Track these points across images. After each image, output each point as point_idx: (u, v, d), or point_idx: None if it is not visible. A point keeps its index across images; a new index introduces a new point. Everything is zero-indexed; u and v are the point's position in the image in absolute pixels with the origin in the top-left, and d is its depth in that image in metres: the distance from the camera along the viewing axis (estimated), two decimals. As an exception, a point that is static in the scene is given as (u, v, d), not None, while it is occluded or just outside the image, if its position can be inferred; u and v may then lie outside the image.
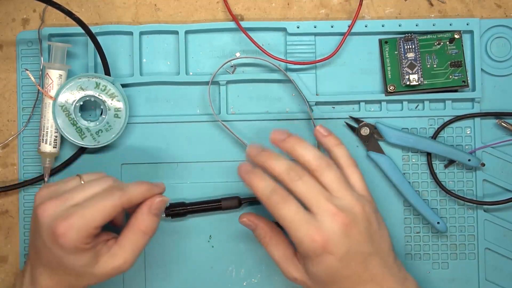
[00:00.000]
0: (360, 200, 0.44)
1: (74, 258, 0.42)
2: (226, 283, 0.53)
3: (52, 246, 0.42)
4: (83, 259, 0.42)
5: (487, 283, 0.53)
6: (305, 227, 0.42)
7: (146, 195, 0.44)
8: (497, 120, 0.53)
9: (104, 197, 0.42)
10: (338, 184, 0.44)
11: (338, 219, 0.42)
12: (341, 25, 0.53)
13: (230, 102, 0.54)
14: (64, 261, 0.42)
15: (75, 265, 0.42)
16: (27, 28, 0.54)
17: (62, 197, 0.43)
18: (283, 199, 0.43)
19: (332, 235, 0.42)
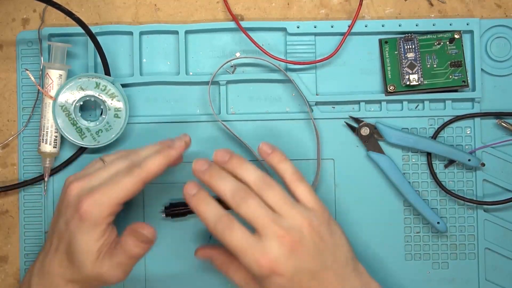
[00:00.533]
0: (306, 215, 0.43)
1: (88, 237, 0.43)
2: (226, 283, 0.53)
3: (73, 223, 0.43)
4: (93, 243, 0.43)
5: (487, 283, 0.53)
6: (250, 252, 0.42)
7: (166, 164, 0.46)
8: (497, 120, 0.53)
9: (124, 175, 0.44)
10: (282, 202, 0.43)
11: (284, 241, 0.42)
12: (341, 25, 0.53)
13: (230, 102, 0.54)
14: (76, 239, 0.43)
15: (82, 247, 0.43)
16: (27, 28, 0.54)
17: (86, 177, 0.45)
18: (228, 227, 0.43)
19: (279, 257, 0.42)
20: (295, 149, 0.53)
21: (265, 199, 0.44)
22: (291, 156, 0.53)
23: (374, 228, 0.53)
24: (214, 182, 0.44)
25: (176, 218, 0.53)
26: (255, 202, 0.43)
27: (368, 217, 0.53)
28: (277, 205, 0.43)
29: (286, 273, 0.42)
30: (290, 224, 0.43)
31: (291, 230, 0.42)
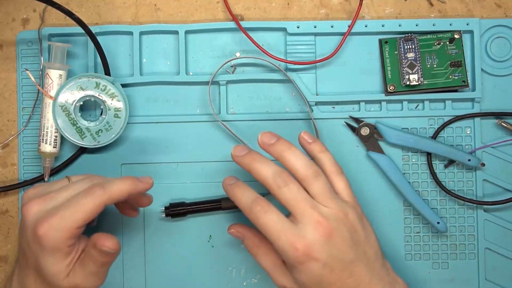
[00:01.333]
0: (344, 207, 0.44)
1: (50, 261, 0.42)
2: (226, 283, 0.53)
3: (34, 246, 0.42)
4: (58, 265, 0.42)
5: (487, 283, 0.53)
6: (286, 235, 0.42)
7: (130, 191, 0.44)
8: (497, 120, 0.53)
9: (84, 196, 0.42)
10: (325, 193, 0.44)
11: (321, 227, 0.42)
12: (341, 25, 0.53)
13: (230, 102, 0.54)
14: (40, 263, 0.42)
15: (48, 270, 0.42)
16: (27, 28, 0.54)
17: (46, 197, 0.43)
18: (263, 209, 0.43)
19: (315, 242, 0.42)
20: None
21: (309, 189, 0.44)
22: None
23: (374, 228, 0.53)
24: (256, 165, 0.44)
25: (175, 218, 0.53)
26: (296, 187, 0.43)
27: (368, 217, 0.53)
28: (319, 195, 0.44)
29: (321, 259, 0.42)
30: (329, 212, 0.43)
31: (329, 218, 0.43)
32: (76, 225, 0.41)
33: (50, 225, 0.41)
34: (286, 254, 0.42)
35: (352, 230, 0.44)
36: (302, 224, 0.43)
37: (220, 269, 0.53)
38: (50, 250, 0.41)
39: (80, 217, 0.41)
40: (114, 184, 0.43)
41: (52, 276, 0.42)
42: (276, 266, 0.46)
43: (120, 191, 0.43)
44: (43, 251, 0.41)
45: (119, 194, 0.43)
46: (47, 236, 0.41)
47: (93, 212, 0.42)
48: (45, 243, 0.41)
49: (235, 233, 0.48)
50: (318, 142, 0.47)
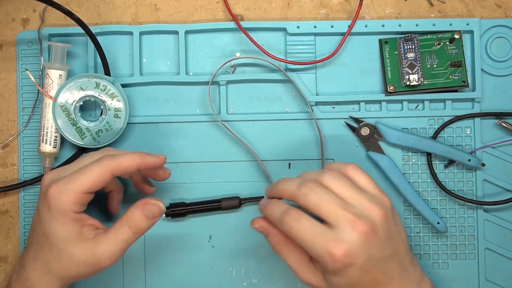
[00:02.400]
0: (375, 202, 0.42)
1: (57, 226, 0.43)
2: (226, 283, 0.53)
3: (43, 211, 0.43)
4: (65, 230, 0.43)
5: (487, 283, 0.53)
6: (320, 241, 0.40)
7: (139, 163, 0.45)
8: (497, 120, 0.53)
9: (93, 163, 0.44)
10: (350, 190, 0.42)
11: (357, 228, 0.40)
12: (341, 25, 0.53)
13: (230, 102, 0.54)
14: (48, 228, 0.43)
15: (56, 234, 0.43)
16: (27, 28, 0.54)
17: (60, 168, 0.45)
18: (295, 218, 0.42)
19: (352, 246, 0.40)
20: (295, 149, 0.53)
21: (332, 189, 0.42)
22: (292, 156, 0.53)
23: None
24: (281, 186, 0.44)
25: (176, 218, 0.53)
26: (324, 191, 0.42)
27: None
28: (345, 193, 0.42)
29: (359, 262, 0.40)
30: (361, 211, 0.41)
31: (363, 216, 0.41)
32: (81, 189, 0.43)
33: (57, 187, 0.43)
34: (323, 260, 0.41)
35: (386, 225, 0.42)
36: (337, 227, 0.41)
37: (220, 269, 0.53)
38: (58, 212, 0.43)
39: (86, 181, 0.43)
40: (123, 154, 0.44)
41: (60, 241, 0.43)
42: (302, 263, 0.45)
43: (129, 162, 0.44)
44: (51, 215, 0.43)
45: (128, 165, 0.44)
46: (56, 197, 0.42)
47: (100, 179, 0.43)
48: (52, 203, 0.42)
49: (259, 228, 0.46)
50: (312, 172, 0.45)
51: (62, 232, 0.43)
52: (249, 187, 0.53)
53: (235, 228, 0.53)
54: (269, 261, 0.53)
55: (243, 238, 0.53)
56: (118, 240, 0.43)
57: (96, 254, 0.43)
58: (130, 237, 0.44)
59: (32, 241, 0.45)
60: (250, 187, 0.53)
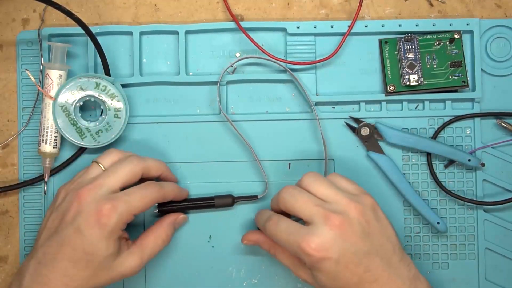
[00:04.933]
0: (351, 198, 0.44)
1: (105, 244, 0.44)
2: (226, 283, 0.53)
3: (90, 229, 0.44)
4: (111, 247, 0.44)
5: (487, 283, 0.53)
6: (293, 238, 0.43)
7: (176, 197, 0.50)
8: (497, 120, 0.53)
9: (146, 189, 0.46)
10: (327, 189, 0.45)
11: (330, 222, 0.43)
12: (341, 25, 0.53)
13: (230, 102, 0.54)
14: (94, 247, 0.44)
15: (101, 253, 0.44)
16: (27, 28, 0.54)
17: (95, 183, 0.45)
18: (274, 222, 0.45)
19: (324, 239, 0.42)
20: (295, 149, 0.53)
21: (310, 190, 0.45)
22: (292, 156, 0.53)
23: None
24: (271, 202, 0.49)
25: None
26: (298, 191, 0.45)
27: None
28: (322, 193, 0.45)
29: (333, 256, 0.42)
30: (336, 207, 0.44)
31: (336, 211, 0.43)
32: (135, 212, 0.45)
33: (114, 206, 0.44)
34: (300, 257, 0.43)
35: (363, 221, 0.44)
36: (312, 224, 0.43)
37: (220, 269, 0.53)
38: (108, 231, 0.44)
39: (141, 205, 0.46)
40: (170, 187, 0.49)
41: (103, 259, 0.44)
42: (294, 262, 0.48)
43: (171, 195, 0.49)
44: (100, 233, 0.44)
45: (169, 196, 0.49)
46: (110, 217, 0.44)
47: (149, 204, 0.46)
48: (106, 222, 0.44)
49: (249, 242, 0.51)
50: None
51: (109, 249, 0.44)
52: (249, 187, 0.53)
53: (235, 228, 0.53)
54: (269, 261, 0.53)
55: (243, 238, 0.53)
56: (151, 251, 0.48)
57: (131, 264, 0.46)
58: (160, 249, 0.49)
59: (56, 256, 0.44)
60: (250, 187, 0.53)
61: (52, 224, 0.46)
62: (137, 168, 0.47)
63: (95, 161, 0.48)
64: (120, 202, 0.44)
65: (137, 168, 0.47)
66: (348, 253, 0.42)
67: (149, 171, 0.48)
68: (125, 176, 0.46)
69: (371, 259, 0.43)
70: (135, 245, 0.47)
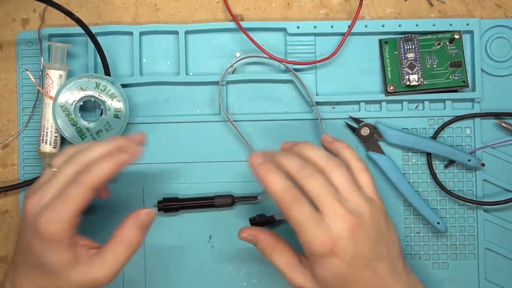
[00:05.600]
0: (369, 203, 0.43)
1: (53, 253, 0.41)
2: (226, 283, 0.53)
3: (35, 241, 0.41)
4: (62, 255, 0.42)
5: (487, 283, 0.53)
6: (314, 229, 0.41)
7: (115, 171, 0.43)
8: (497, 120, 0.53)
9: (73, 186, 0.42)
10: (348, 185, 0.43)
11: (346, 222, 0.42)
12: (341, 25, 0.53)
13: (230, 102, 0.54)
14: (44, 257, 0.42)
15: (53, 262, 0.42)
16: (27, 28, 0.54)
17: (39, 191, 0.43)
18: (295, 199, 0.42)
19: (340, 238, 0.41)
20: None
21: (331, 179, 0.43)
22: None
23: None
24: (282, 159, 0.44)
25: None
26: (323, 179, 0.43)
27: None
28: (342, 186, 0.43)
29: (346, 255, 0.41)
30: (354, 207, 0.42)
31: (354, 212, 0.42)
32: (70, 215, 0.41)
33: (47, 219, 0.41)
34: (312, 247, 0.42)
35: (377, 226, 0.43)
36: (328, 217, 0.42)
37: (220, 269, 0.53)
38: (52, 242, 0.41)
39: (74, 207, 0.41)
40: (98, 168, 0.42)
41: (58, 267, 0.42)
42: (292, 265, 0.45)
43: (106, 175, 0.42)
44: (45, 245, 0.41)
45: (105, 177, 0.42)
46: (47, 228, 0.41)
47: (85, 200, 0.42)
48: (45, 235, 0.41)
49: (248, 237, 0.47)
50: (340, 140, 0.48)
51: (59, 259, 0.42)
52: (249, 187, 0.53)
53: (235, 228, 0.53)
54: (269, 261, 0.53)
55: (243, 238, 0.53)
56: (115, 259, 0.43)
57: (94, 275, 0.42)
58: (127, 255, 0.43)
59: (24, 265, 0.43)
60: (250, 188, 0.53)
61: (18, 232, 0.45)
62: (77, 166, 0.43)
63: (48, 164, 0.45)
64: (52, 212, 0.41)
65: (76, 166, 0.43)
66: (359, 256, 0.42)
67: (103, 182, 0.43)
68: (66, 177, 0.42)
69: (378, 264, 0.43)
70: (96, 255, 0.43)
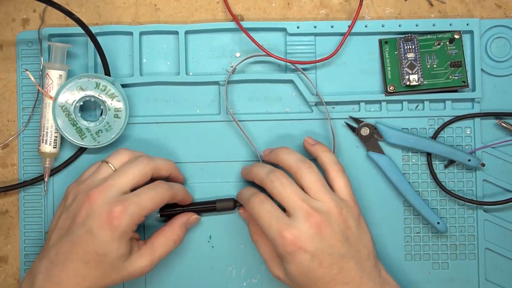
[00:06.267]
0: (338, 203, 0.46)
1: (117, 245, 0.44)
2: (226, 283, 0.53)
3: (101, 231, 0.44)
4: (122, 248, 0.45)
5: (487, 283, 0.53)
6: (276, 224, 0.44)
7: (183, 199, 0.50)
8: (497, 120, 0.53)
9: (156, 189, 0.46)
10: (317, 186, 0.46)
11: (311, 219, 0.44)
12: (341, 25, 0.53)
13: (230, 102, 0.54)
14: (105, 248, 0.44)
15: (113, 254, 0.44)
16: (27, 28, 0.54)
17: (105, 184, 0.45)
18: (260, 201, 0.46)
19: (303, 233, 0.44)
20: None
21: (301, 181, 0.46)
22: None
23: (374, 228, 0.53)
24: (253, 169, 0.49)
25: None
26: (289, 182, 0.46)
27: (368, 217, 0.53)
28: (312, 188, 0.46)
29: (309, 250, 0.43)
30: (320, 206, 0.45)
31: (320, 211, 0.44)
32: (145, 213, 0.45)
33: (125, 208, 0.44)
34: (275, 242, 0.44)
35: (344, 226, 0.45)
36: (293, 217, 0.44)
37: (220, 269, 0.53)
38: (120, 232, 0.44)
39: (151, 206, 0.46)
40: (178, 189, 0.49)
41: (114, 259, 0.45)
42: (273, 257, 0.49)
43: (179, 197, 0.49)
44: (111, 235, 0.44)
45: (178, 197, 0.49)
46: (122, 219, 0.44)
47: (159, 204, 0.46)
48: (117, 224, 0.44)
49: (243, 214, 0.52)
50: (321, 143, 0.50)
51: (120, 250, 0.45)
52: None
53: (235, 228, 0.53)
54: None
55: (243, 238, 0.53)
56: (161, 252, 0.48)
57: (141, 265, 0.46)
58: (171, 249, 0.49)
59: (68, 256, 0.44)
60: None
61: (64, 224, 0.46)
62: (147, 169, 0.47)
63: (105, 161, 0.48)
64: (131, 204, 0.44)
65: (147, 168, 0.47)
66: (324, 252, 0.44)
67: (159, 171, 0.48)
68: (135, 177, 0.46)
69: (346, 262, 0.45)
70: (145, 246, 0.47)
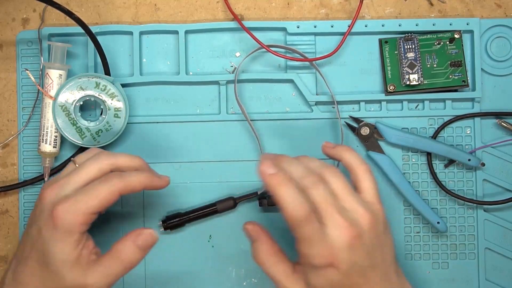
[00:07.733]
0: (367, 210, 0.43)
1: (61, 246, 0.41)
2: (226, 283, 0.53)
3: (47, 230, 0.42)
4: (67, 250, 0.42)
5: (487, 283, 0.53)
6: (318, 244, 0.41)
7: (146, 185, 0.44)
8: (497, 120, 0.53)
9: (100, 183, 0.43)
10: (346, 192, 0.43)
11: (346, 233, 0.41)
12: (341, 25, 0.53)
13: (230, 102, 0.54)
14: (50, 247, 0.42)
15: (57, 256, 0.41)
16: (27, 28, 0.54)
17: (60, 182, 0.43)
18: (306, 218, 0.41)
19: (339, 250, 0.41)
20: (295, 149, 0.53)
21: (330, 187, 0.43)
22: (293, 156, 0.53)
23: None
24: (283, 165, 0.43)
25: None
26: (325, 188, 0.42)
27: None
28: (340, 194, 0.43)
29: (342, 267, 0.41)
30: (353, 217, 0.42)
31: (353, 223, 0.42)
32: (90, 210, 0.42)
33: (66, 208, 0.41)
34: (311, 260, 0.41)
35: (374, 235, 0.43)
36: (328, 228, 0.41)
37: (220, 269, 0.53)
38: (63, 232, 0.41)
39: (96, 202, 0.42)
40: (132, 175, 0.44)
41: (59, 263, 0.42)
42: (287, 275, 0.45)
43: (137, 184, 0.44)
44: (55, 235, 0.41)
45: (135, 186, 0.44)
46: (63, 217, 0.41)
47: (108, 199, 0.42)
48: (59, 224, 0.41)
49: (251, 230, 0.46)
50: (341, 144, 0.49)
51: (64, 253, 0.42)
52: (249, 187, 0.53)
53: (235, 228, 0.53)
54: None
55: (243, 238, 0.53)
56: (109, 273, 0.43)
57: (86, 282, 0.42)
58: (121, 272, 0.43)
59: (29, 259, 0.43)
60: (250, 187, 0.53)
61: (28, 223, 0.46)
62: (103, 165, 0.44)
63: (72, 159, 0.46)
64: (75, 202, 0.42)
65: (103, 164, 0.44)
66: (355, 266, 0.42)
67: (118, 168, 0.45)
68: (89, 173, 0.43)
69: (373, 271, 0.43)
70: (94, 262, 0.43)
